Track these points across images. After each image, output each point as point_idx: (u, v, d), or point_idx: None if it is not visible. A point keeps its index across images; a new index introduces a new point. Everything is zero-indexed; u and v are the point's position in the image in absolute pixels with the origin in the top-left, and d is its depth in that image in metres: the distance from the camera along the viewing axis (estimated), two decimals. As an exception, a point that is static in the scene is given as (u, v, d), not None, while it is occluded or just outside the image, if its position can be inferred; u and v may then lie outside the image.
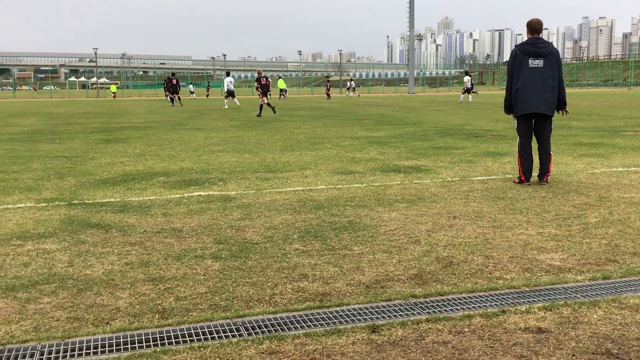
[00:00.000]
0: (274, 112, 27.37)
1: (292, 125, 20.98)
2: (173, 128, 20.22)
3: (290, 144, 14.92)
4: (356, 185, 8.97)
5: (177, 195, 8.25)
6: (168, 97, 45.55)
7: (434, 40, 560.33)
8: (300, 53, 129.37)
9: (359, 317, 3.99)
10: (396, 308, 4.15)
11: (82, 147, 14.47)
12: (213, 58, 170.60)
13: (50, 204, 7.74)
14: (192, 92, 61.72)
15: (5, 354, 3.57)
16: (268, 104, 27.52)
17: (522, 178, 8.80)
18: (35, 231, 6.34)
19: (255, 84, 29.17)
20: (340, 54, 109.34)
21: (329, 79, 55.61)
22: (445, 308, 4.15)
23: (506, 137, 16.11)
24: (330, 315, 4.04)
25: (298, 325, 3.88)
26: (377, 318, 3.98)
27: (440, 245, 5.72)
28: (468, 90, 39.66)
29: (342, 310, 4.13)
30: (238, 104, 36.69)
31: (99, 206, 7.57)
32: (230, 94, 35.89)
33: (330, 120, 23.83)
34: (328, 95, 52.99)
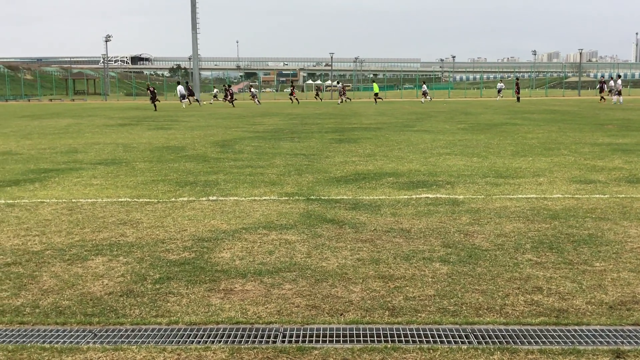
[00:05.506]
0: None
1: (523, 130, 20.02)
2: (401, 130, 20.59)
3: (522, 148, 14.26)
4: (597, 195, 8.27)
5: (405, 197, 8.40)
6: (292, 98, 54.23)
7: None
8: (534, 53, 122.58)
9: (601, 340, 3.69)
10: (646, 335, 3.75)
11: (318, 146, 15.45)
12: (442, 60, 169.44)
13: (291, 198, 8.41)
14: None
15: (252, 332, 3.98)
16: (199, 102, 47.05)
17: None
18: (279, 222, 6.95)
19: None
20: (580, 53, 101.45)
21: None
22: None
23: None
24: (568, 334, 3.79)
25: (532, 340, 3.71)
26: (623, 343, 3.64)
27: (701, 269, 5.02)
28: (619, 93, 42.05)
29: (582, 330, 3.85)
30: (184, 106, 43.59)
31: (334, 202, 8.03)
32: (183, 97, 45.85)
33: (567, 124, 22.26)
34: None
